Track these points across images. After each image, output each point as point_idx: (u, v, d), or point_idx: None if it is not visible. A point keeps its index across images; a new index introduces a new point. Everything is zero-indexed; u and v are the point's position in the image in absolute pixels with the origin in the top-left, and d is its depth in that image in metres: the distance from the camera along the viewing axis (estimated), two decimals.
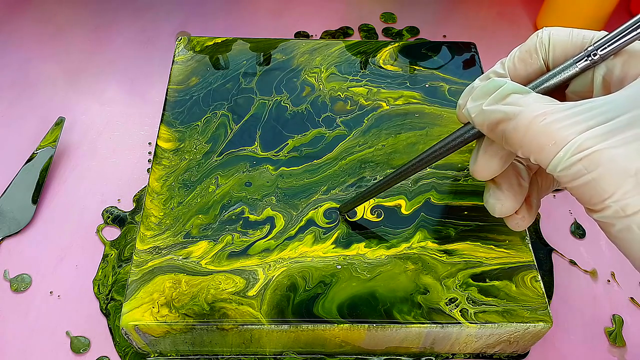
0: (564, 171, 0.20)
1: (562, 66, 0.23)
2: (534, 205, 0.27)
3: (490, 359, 0.35)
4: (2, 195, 0.41)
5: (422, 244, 0.33)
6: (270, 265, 0.32)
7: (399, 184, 0.36)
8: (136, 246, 0.33)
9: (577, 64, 0.23)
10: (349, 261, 0.33)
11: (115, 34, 0.54)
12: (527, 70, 0.25)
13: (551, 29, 0.25)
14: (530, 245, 0.34)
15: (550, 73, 0.24)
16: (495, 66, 0.26)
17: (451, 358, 0.35)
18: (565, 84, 0.24)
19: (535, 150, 0.21)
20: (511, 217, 0.27)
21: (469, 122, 0.25)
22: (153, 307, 0.31)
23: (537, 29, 0.54)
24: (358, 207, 0.35)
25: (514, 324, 0.31)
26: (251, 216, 0.35)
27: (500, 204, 0.26)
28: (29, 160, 0.43)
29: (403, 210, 0.35)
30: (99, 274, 0.38)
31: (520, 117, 0.21)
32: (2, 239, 0.40)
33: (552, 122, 0.20)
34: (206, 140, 0.38)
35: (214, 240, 0.33)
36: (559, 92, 0.24)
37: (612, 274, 0.39)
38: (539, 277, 0.32)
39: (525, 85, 0.23)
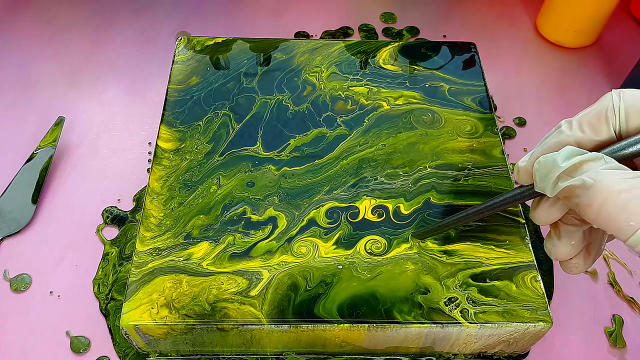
0: None
1: (638, 137, 0.22)
2: (592, 253, 0.26)
3: (490, 359, 0.35)
4: (2, 195, 0.41)
5: (423, 244, 0.33)
6: (272, 267, 0.32)
7: (399, 185, 0.36)
8: (136, 247, 0.33)
9: None
10: (349, 261, 0.33)
11: (115, 34, 0.54)
12: (596, 136, 0.23)
13: (622, 93, 0.23)
14: (530, 245, 0.34)
15: (625, 142, 0.22)
16: (562, 126, 0.24)
17: (451, 358, 0.35)
18: None
19: (611, 227, 0.20)
20: (566, 262, 0.26)
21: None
22: (152, 308, 0.31)
23: (537, 29, 0.55)
24: (359, 207, 0.35)
25: (514, 324, 0.31)
26: (253, 216, 0.35)
27: (556, 249, 0.26)
28: (29, 160, 0.43)
29: (403, 211, 0.35)
30: (99, 273, 0.38)
31: (594, 191, 0.20)
32: (2, 239, 0.40)
33: (630, 200, 0.19)
34: (208, 140, 0.38)
35: (215, 241, 0.33)
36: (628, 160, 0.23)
37: (612, 274, 0.39)
38: (539, 277, 0.32)
39: (596, 151, 0.22)
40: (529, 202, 0.42)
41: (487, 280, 0.32)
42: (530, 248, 0.34)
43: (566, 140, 0.24)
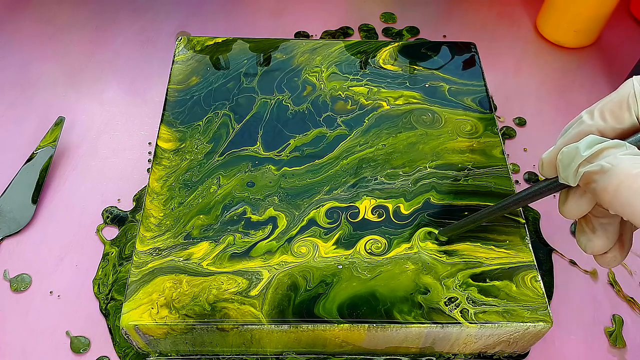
0: None
1: None
2: (626, 244, 0.26)
3: (490, 359, 0.35)
4: (2, 195, 0.41)
5: (423, 244, 0.33)
6: (273, 267, 0.32)
7: (399, 185, 0.36)
8: (136, 247, 0.33)
9: None
10: (349, 261, 0.33)
11: (115, 34, 0.54)
12: (618, 124, 0.23)
13: None
14: (530, 245, 0.34)
15: None
16: (583, 116, 0.24)
17: (452, 358, 0.35)
18: None
19: (627, 211, 0.20)
20: (602, 256, 0.26)
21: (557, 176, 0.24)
22: (152, 308, 0.31)
23: (537, 29, 0.55)
24: (359, 207, 0.35)
25: (514, 324, 0.31)
26: (253, 216, 0.35)
27: (592, 243, 0.25)
28: (28, 160, 0.43)
29: (403, 210, 0.35)
30: (99, 273, 0.38)
31: (610, 175, 0.20)
32: (2, 239, 0.40)
33: None
34: (208, 140, 0.38)
35: (215, 241, 0.33)
36: None
37: (612, 274, 0.39)
38: (539, 277, 0.32)
39: (619, 139, 0.22)
40: (532, 205, 0.42)
41: (487, 280, 0.32)
42: (530, 248, 0.34)
43: (588, 130, 0.23)
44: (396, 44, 0.45)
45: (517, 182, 0.43)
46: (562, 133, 0.25)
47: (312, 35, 0.54)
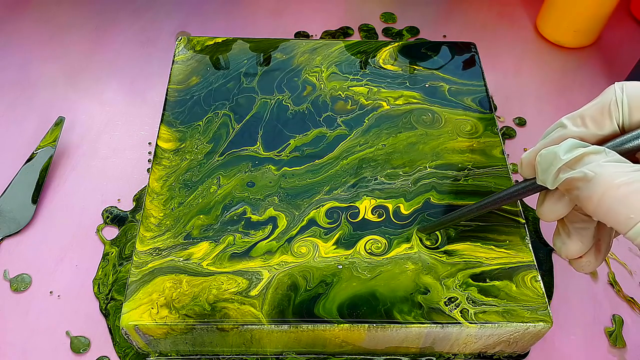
0: None
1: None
2: (602, 250, 0.26)
3: (490, 359, 0.35)
4: (2, 195, 0.41)
5: (427, 241, 0.33)
6: (273, 267, 0.32)
7: (399, 185, 0.36)
8: (136, 247, 0.33)
9: None
10: (349, 261, 0.33)
11: (115, 34, 0.54)
12: (600, 131, 0.23)
13: (625, 86, 0.22)
14: (530, 245, 0.34)
15: (627, 136, 0.22)
16: (565, 121, 0.24)
17: (452, 358, 0.35)
18: None
19: (611, 220, 0.20)
20: (577, 260, 0.26)
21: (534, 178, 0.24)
22: (152, 308, 0.31)
23: (537, 29, 0.55)
24: (359, 207, 0.35)
25: (514, 324, 0.31)
26: (253, 216, 0.35)
27: (566, 247, 0.25)
28: (28, 160, 0.43)
29: (403, 211, 0.35)
30: (99, 273, 0.38)
31: (594, 184, 0.20)
32: (2, 239, 0.40)
33: (630, 193, 0.19)
34: (208, 140, 0.38)
35: (215, 241, 0.33)
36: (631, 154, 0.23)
37: (612, 274, 0.39)
38: (539, 277, 0.32)
39: (598, 144, 0.22)
40: (532, 205, 0.42)
41: (487, 280, 0.32)
42: (530, 248, 0.34)
43: (569, 134, 0.23)
44: (396, 44, 0.45)
45: (517, 182, 0.43)
46: (543, 136, 0.25)
47: (312, 35, 0.54)
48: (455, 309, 0.31)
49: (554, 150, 0.22)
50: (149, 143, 0.45)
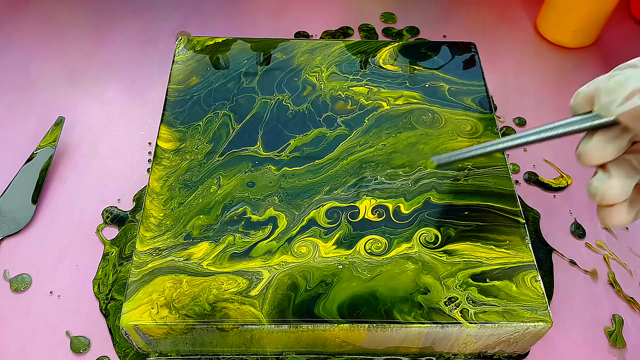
0: None
1: None
2: (637, 207, 0.24)
3: (490, 359, 0.35)
4: (2, 195, 0.41)
5: (423, 244, 0.33)
6: (273, 267, 0.32)
7: (399, 185, 0.36)
8: (136, 247, 0.33)
9: None
10: (349, 261, 0.33)
11: (115, 34, 0.54)
12: None
13: None
14: (530, 245, 0.34)
15: None
16: (635, 61, 0.23)
17: (452, 358, 0.35)
18: None
19: None
20: (608, 210, 0.24)
21: (590, 111, 0.22)
22: (152, 308, 0.31)
23: (537, 30, 0.55)
24: (359, 207, 0.35)
25: (514, 324, 0.31)
26: (253, 216, 0.35)
27: (604, 187, 0.23)
28: (29, 160, 0.43)
29: (403, 210, 0.35)
30: (99, 273, 0.38)
31: None
32: (2, 239, 0.40)
33: None
34: (208, 140, 0.38)
35: (215, 241, 0.33)
36: None
37: (612, 274, 0.39)
38: (539, 277, 0.32)
39: None
40: (533, 205, 0.42)
41: (487, 280, 0.32)
42: (530, 248, 0.34)
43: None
44: (396, 44, 0.45)
45: (517, 182, 0.43)
46: (601, 80, 0.23)
47: (312, 35, 0.54)
48: (455, 309, 0.31)
49: (628, 74, 0.20)
50: (149, 143, 0.45)
